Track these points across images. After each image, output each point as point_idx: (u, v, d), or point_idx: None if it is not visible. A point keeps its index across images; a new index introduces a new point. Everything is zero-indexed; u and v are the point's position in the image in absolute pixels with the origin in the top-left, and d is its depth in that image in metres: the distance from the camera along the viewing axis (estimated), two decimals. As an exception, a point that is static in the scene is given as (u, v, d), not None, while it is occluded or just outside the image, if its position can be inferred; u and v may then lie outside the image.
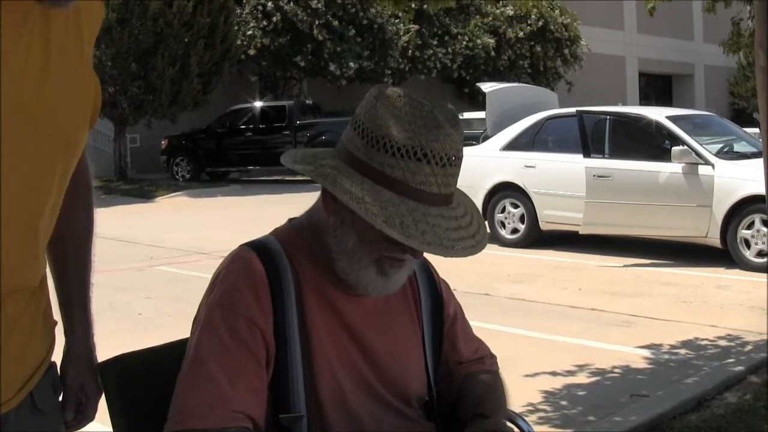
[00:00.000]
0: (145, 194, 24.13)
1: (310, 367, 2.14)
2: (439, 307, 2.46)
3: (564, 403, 6.37)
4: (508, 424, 2.38)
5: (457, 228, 2.06)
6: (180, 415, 2.00)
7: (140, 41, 24.49)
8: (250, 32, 29.40)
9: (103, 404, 2.24)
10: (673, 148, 12.15)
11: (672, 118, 12.94)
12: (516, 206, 13.87)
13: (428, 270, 2.48)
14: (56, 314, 2.17)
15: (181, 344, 2.21)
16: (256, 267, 2.15)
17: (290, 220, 2.34)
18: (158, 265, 12.55)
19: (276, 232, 2.29)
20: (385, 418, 2.24)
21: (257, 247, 2.21)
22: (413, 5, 7.43)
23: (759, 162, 4.87)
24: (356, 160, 2.06)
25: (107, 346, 2.36)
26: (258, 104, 28.79)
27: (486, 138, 15.05)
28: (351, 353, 2.22)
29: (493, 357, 2.59)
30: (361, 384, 2.22)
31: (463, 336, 2.52)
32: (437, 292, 2.47)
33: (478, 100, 24.98)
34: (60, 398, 2.14)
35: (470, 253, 2.07)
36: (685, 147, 12.09)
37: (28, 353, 1.90)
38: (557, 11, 37.31)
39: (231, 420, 1.99)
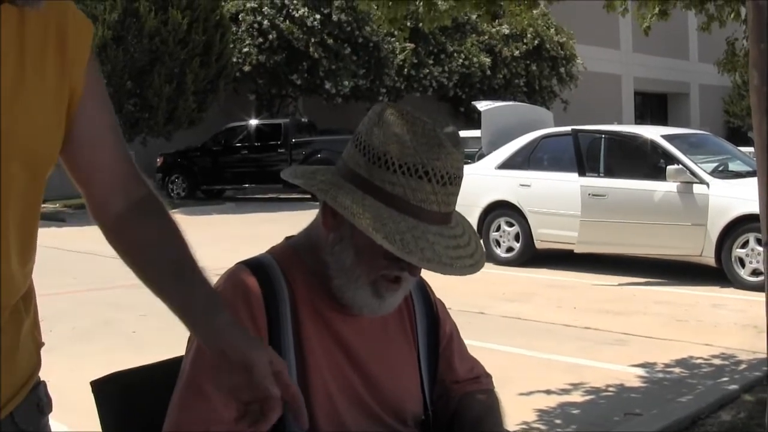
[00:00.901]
0: (140, 212, 24.07)
1: (305, 385, 2.13)
2: (434, 326, 2.46)
3: (558, 421, 6.38)
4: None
5: (455, 247, 2.07)
6: (174, 434, 2.00)
7: (136, 59, 24.48)
8: (245, 50, 29.42)
9: (95, 421, 2.24)
10: (668, 167, 12.18)
11: (667, 137, 12.98)
12: (511, 225, 13.88)
13: (424, 289, 2.48)
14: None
15: (176, 362, 2.21)
16: (251, 285, 2.15)
17: (287, 238, 2.34)
18: (153, 283, 12.51)
19: (272, 251, 2.29)
20: (380, 437, 2.24)
21: (253, 265, 2.22)
22: (408, 24, 7.45)
23: (754, 181, 4.89)
24: (357, 176, 2.07)
25: (102, 364, 2.37)
26: (253, 122, 28.80)
27: (481, 156, 15.08)
28: (346, 372, 2.22)
29: (488, 376, 2.59)
30: (356, 403, 2.22)
31: (459, 355, 2.52)
32: (433, 312, 2.47)
33: (473, 119, 25.00)
34: (48, 419, 2.10)
35: (468, 272, 2.08)
36: (680, 166, 12.12)
37: (7, 373, 1.88)
38: (553, 30, 37.36)
39: (226, 439, 1.99)
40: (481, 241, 11.62)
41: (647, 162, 13.05)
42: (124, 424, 2.20)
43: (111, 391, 2.21)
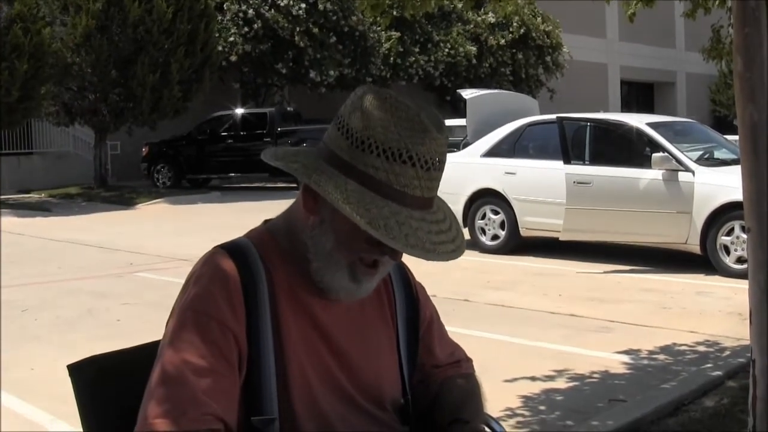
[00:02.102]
0: (125, 201, 24.07)
1: (283, 370, 2.13)
2: (414, 310, 2.45)
3: (542, 408, 6.39)
4: (486, 429, 2.38)
5: (438, 232, 2.06)
6: (151, 418, 1.97)
7: (120, 48, 24.44)
8: (231, 39, 29.37)
9: (73, 405, 2.23)
10: (654, 154, 12.18)
11: (652, 125, 12.97)
12: (496, 213, 13.88)
13: (404, 273, 2.47)
14: None
15: (153, 346, 2.19)
16: (229, 269, 2.13)
17: (265, 221, 2.33)
18: (138, 272, 12.52)
19: (250, 235, 2.28)
20: (357, 422, 2.23)
21: (231, 249, 2.20)
22: (395, 12, 7.42)
23: (739, 169, 4.90)
24: (340, 160, 2.05)
25: (85, 352, 2.35)
26: (239, 111, 28.74)
27: (466, 145, 15.08)
28: (323, 356, 2.20)
29: (469, 360, 2.59)
30: (333, 387, 2.21)
31: (439, 340, 2.52)
32: (413, 296, 2.46)
33: (460, 108, 25.00)
34: None
35: (450, 257, 2.07)
36: (666, 154, 12.12)
37: None
38: (539, 19, 37.39)
39: (202, 422, 1.97)
40: (467, 230, 11.64)
41: (632, 150, 13.05)
42: (101, 406, 2.19)
43: (88, 374, 2.20)
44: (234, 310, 2.09)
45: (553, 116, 13.80)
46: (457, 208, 13.72)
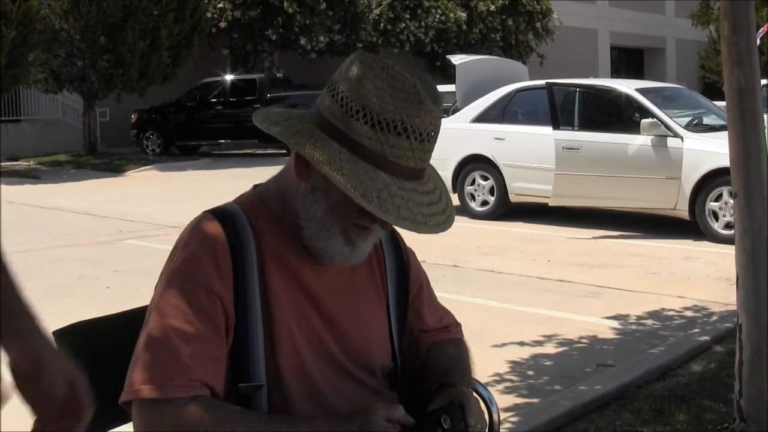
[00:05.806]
0: (115, 168, 23.98)
1: (271, 336, 2.14)
2: (404, 276, 2.46)
3: (531, 373, 6.41)
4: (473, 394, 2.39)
5: (429, 203, 2.07)
6: (137, 384, 1.99)
7: (109, 15, 24.27)
8: (220, 5, 29.19)
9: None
10: (643, 120, 12.16)
11: (642, 91, 12.96)
12: (486, 178, 13.88)
13: (395, 239, 2.48)
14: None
15: (138, 312, 2.20)
16: (217, 234, 2.14)
17: (255, 186, 2.33)
18: (127, 239, 12.51)
19: (239, 200, 2.28)
20: (346, 388, 2.24)
21: (219, 214, 2.20)
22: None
23: (727, 135, 4.92)
24: (333, 128, 2.05)
25: (75, 320, 2.35)
26: (228, 77, 28.56)
27: (456, 110, 15.05)
28: (313, 323, 2.21)
29: (458, 325, 2.60)
30: (322, 354, 2.21)
31: (429, 305, 2.53)
32: (403, 261, 2.48)
33: (450, 74, 24.86)
34: None
35: (442, 229, 2.08)
36: (655, 119, 12.10)
37: None
38: (529, -16, 37.25)
39: (189, 389, 1.99)
40: (456, 195, 11.61)
41: (622, 115, 13.06)
42: (87, 373, 2.20)
43: (73, 341, 2.21)
44: (221, 275, 2.10)
45: (542, 82, 13.77)
46: (447, 174, 13.70)
